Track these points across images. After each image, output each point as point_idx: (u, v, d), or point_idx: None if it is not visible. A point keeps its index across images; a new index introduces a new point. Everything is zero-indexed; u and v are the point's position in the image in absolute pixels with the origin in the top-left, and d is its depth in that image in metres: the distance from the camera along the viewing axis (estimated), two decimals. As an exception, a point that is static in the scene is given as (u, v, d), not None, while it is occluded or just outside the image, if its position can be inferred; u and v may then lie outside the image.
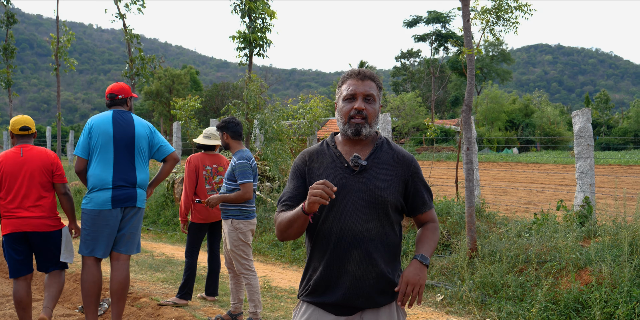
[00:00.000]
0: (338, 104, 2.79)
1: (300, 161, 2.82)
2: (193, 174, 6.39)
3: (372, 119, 2.72)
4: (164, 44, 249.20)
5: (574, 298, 5.75)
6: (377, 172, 2.70)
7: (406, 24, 60.53)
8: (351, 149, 2.76)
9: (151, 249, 9.65)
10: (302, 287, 2.80)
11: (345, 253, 2.65)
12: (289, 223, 2.63)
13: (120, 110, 5.37)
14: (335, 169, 2.72)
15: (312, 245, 2.76)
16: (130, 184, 5.19)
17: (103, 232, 5.12)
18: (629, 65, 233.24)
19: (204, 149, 6.60)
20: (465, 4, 7.28)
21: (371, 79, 2.76)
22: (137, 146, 5.29)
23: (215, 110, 52.28)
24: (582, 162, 7.90)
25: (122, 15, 13.23)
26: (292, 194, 2.77)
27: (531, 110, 61.78)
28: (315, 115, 11.44)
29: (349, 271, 2.65)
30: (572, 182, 21.50)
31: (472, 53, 7.29)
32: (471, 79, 7.33)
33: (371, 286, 2.66)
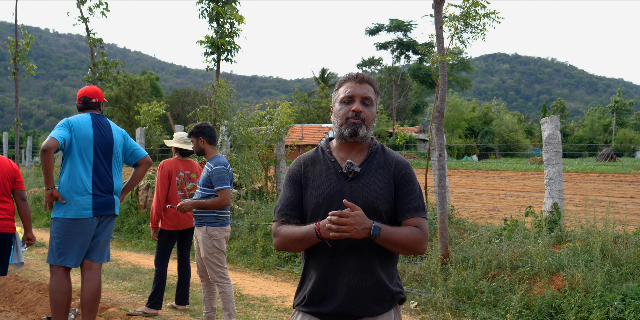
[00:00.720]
0: (335, 106, 2.74)
1: (296, 168, 2.76)
2: (166, 179, 6.24)
3: (369, 122, 2.67)
4: (122, 49, 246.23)
5: (547, 303, 5.79)
6: (371, 178, 2.64)
7: (368, 32, 60.94)
8: (346, 155, 2.70)
9: (116, 258, 9.42)
10: (298, 297, 2.73)
11: (341, 262, 2.59)
12: (298, 241, 2.58)
13: (97, 114, 5.23)
14: (329, 175, 2.66)
15: (307, 255, 2.69)
16: (108, 191, 5.07)
17: (77, 241, 4.95)
18: (583, 74, 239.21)
19: (180, 154, 6.46)
20: (438, 10, 7.31)
21: (369, 83, 2.72)
22: (114, 152, 5.17)
23: (176, 117, 51.75)
24: (550, 168, 7.99)
25: (84, 18, 12.98)
26: (289, 202, 2.69)
27: (490, 118, 62.77)
28: (283, 122, 11.36)
29: (345, 280, 2.59)
30: (532, 188, 21.85)
31: (444, 60, 7.32)
32: (443, 86, 7.35)
33: (368, 295, 2.60)
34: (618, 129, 76.53)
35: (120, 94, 54.83)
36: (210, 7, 10.29)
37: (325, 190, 2.62)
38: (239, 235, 9.67)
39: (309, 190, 2.67)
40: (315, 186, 2.65)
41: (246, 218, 9.85)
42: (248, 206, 10.63)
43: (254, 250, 9.01)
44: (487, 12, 8.61)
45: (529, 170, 34.47)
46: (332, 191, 2.61)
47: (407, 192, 2.67)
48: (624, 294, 5.54)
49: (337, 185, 2.62)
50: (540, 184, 23.75)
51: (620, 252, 6.33)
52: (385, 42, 60.53)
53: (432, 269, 6.93)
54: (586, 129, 73.16)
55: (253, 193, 11.61)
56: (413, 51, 59.04)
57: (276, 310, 6.44)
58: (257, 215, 10.06)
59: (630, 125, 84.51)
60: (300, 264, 8.29)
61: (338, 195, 2.60)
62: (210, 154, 5.60)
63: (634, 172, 31.77)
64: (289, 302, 6.73)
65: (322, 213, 2.59)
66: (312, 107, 63.32)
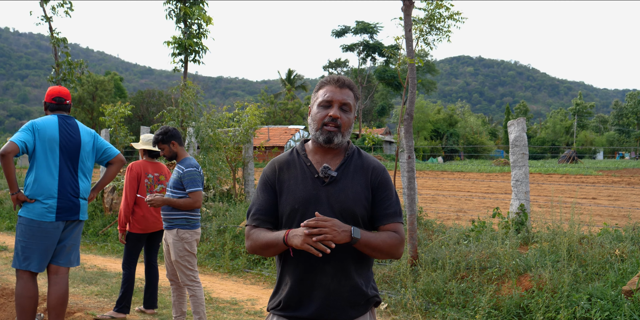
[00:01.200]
0: (312, 109, 2.69)
1: (270, 171, 2.72)
2: (135, 181, 6.15)
3: (346, 129, 2.64)
4: (85, 49, 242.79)
5: (515, 304, 5.85)
6: (347, 183, 2.61)
7: (334, 34, 61.04)
8: (322, 159, 2.67)
9: (82, 261, 9.24)
10: (273, 301, 2.69)
11: (318, 267, 2.56)
12: (266, 246, 2.56)
13: (66, 116, 5.12)
14: (305, 179, 2.62)
15: (283, 260, 2.66)
16: (74, 194, 4.97)
17: (41, 245, 4.84)
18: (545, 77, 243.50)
19: (149, 156, 6.38)
20: (407, 13, 7.35)
21: (349, 88, 2.67)
22: (81, 154, 5.07)
23: (140, 118, 51.20)
24: (517, 170, 8.09)
25: (48, 18, 12.74)
26: (262, 207, 2.66)
27: (455, 120, 63.45)
28: (251, 123, 11.30)
29: (322, 285, 2.56)
30: (497, 190, 22.13)
31: (413, 62, 7.36)
32: (412, 88, 7.39)
33: (345, 299, 2.58)
34: (579, 131, 78.12)
35: (84, 94, 54.05)
36: (177, 8, 10.18)
37: (301, 195, 2.59)
38: (207, 237, 9.59)
39: (284, 195, 2.63)
40: (291, 191, 2.62)
41: (214, 220, 9.77)
42: (216, 208, 10.55)
43: (223, 252, 8.94)
44: (451, 14, 8.67)
45: (494, 172, 34.99)
46: (308, 196, 2.58)
47: (385, 197, 2.66)
48: (590, 294, 5.63)
49: (313, 190, 2.59)
50: (505, 186, 24.07)
51: (586, 252, 6.44)
52: (352, 44, 60.69)
53: (402, 270, 6.96)
54: (548, 131, 74.45)
55: (221, 195, 11.53)
56: (379, 53, 59.33)
57: (246, 313, 6.40)
58: (226, 217, 9.99)
59: (591, 128, 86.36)
60: (269, 266, 8.27)
61: (314, 200, 2.57)
62: (181, 156, 5.55)
63: (595, 173, 32.44)
64: (259, 305, 6.69)
65: (298, 218, 2.56)
66: (278, 108, 63.25)
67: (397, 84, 55.53)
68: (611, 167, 42.40)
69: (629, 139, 78.59)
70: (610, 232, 7.26)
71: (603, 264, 6.23)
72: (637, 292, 5.30)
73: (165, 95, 54.10)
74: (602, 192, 20.80)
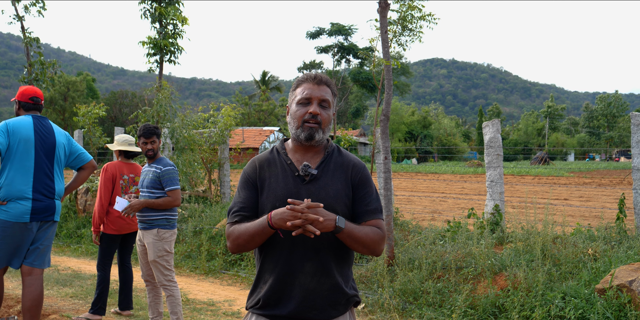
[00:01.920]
0: (291, 107, 2.69)
1: (251, 169, 2.72)
2: (110, 182, 6.09)
3: (326, 125, 2.65)
4: (56, 49, 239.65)
5: (491, 303, 5.91)
6: (327, 181, 2.62)
7: (309, 36, 61.02)
8: (302, 157, 2.67)
9: (55, 263, 9.14)
10: (251, 300, 2.68)
11: (297, 265, 2.55)
12: (252, 237, 2.53)
13: (40, 116, 5.06)
14: (286, 177, 2.62)
15: (262, 257, 2.65)
16: (49, 195, 4.91)
17: (12, 245, 4.78)
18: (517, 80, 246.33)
19: (125, 156, 6.33)
20: (383, 15, 7.39)
21: (327, 85, 2.69)
22: (56, 155, 5.02)
23: (113, 119, 50.72)
24: (492, 171, 8.19)
25: (20, 17, 12.58)
26: (244, 204, 2.65)
27: (429, 122, 63.86)
28: (227, 124, 11.26)
29: (302, 283, 2.56)
30: (471, 191, 22.34)
31: (389, 64, 7.40)
32: (389, 90, 7.43)
33: (324, 298, 2.58)
34: (551, 133, 79.16)
35: (55, 95, 53.34)
36: (152, 8, 10.10)
37: (282, 193, 2.59)
38: (183, 239, 9.53)
39: (265, 193, 2.63)
40: (272, 189, 2.62)
41: (190, 222, 9.71)
42: (192, 209, 10.49)
43: (199, 254, 8.90)
44: (422, 15, 8.72)
45: (467, 173, 35.34)
46: (288, 194, 2.57)
47: (365, 194, 2.66)
48: (564, 293, 5.71)
49: (293, 188, 2.59)
50: (479, 187, 24.31)
51: (560, 252, 6.54)
52: (326, 46, 60.70)
53: (379, 270, 6.99)
54: (521, 133, 75.30)
55: (197, 197, 11.47)
56: (354, 55, 59.45)
57: (224, 315, 6.37)
58: (202, 218, 9.94)
59: (563, 130, 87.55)
60: (246, 267, 8.25)
61: (294, 198, 2.56)
62: (157, 156, 5.52)
63: (566, 175, 32.89)
64: (236, 306, 6.67)
65: None
66: (253, 110, 63.09)
67: (372, 86, 55.71)
68: (582, 168, 43.08)
69: (599, 141, 79.88)
70: (583, 232, 7.38)
71: (576, 263, 6.33)
72: (609, 290, 5.39)
73: (138, 96, 53.64)
74: (574, 193, 21.12)
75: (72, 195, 11.95)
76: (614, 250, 6.44)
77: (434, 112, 75.24)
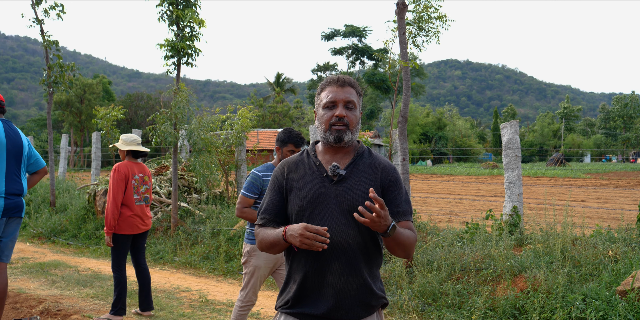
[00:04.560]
0: (318, 112, 2.73)
1: (279, 172, 2.76)
2: (122, 183, 6.12)
3: (354, 126, 2.67)
4: (72, 52, 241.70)
5: (511, 304, 5.90)
6: (356, 181, 2.63)
7: (324, 37, 61.14)
8: (332, 158, 2.70)
9: (75, 264, 9.22)
10: (281, 299, 2.72)
11: (325, 265, 2.58)
12: (271, 245, 2.63)
13: (7, 120, 5.39)
14: (314, 178, 2.65)
15: (291, 258, 2.69)
16: (18, 193, 5.28)
17: None
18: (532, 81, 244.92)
19: (133, 156, 6.36)
20: (401, 16, 7.40)
21: (351, 86, 2.71)
22: (23, 157, 5.37)
23: (129, 121, 51.00)
24: (510, 172, 8.16)
25: (39, 20, 12.70)
26: (268, 207, 2.73)
27: (444, 123, 63.67)
28: (244, 126, 11.30)
29: (330, 283, 2.58)
30: (487, 192, 22.25)
31: (407, 65, 7.40)
32: (407, 91, 7.43)
33: (353, 297, 2.59)
34: (567, 135, 78.62)
35: (72, 97, 53.74)
36: (170, 11, 10.15)
37: (309, 193, 2.62)
38: (201, 240, 9.57)
39: (293, 194, 2.67)
40: (300, 189, 2.65)
41: (208, 223, 9.76)
42: (209, 211, 10.54)
43: (217, 255, 8.94)
44: (439, 15, 8.69)
45: (482, 175, 35.17)
46: (316, 194, 2.61)
47: (395, 196, 2.67)
48: (584, 295, 5.69)
49: (321, 188, 2.62)
50: (494, 188, 24.20)
51: (579, 253, 6.50)
52: (341, 48, 60.84)
53: (397, 271, 6.99)
54: (536, 134, 74.87)
55: (214, 198, 11.51)
56: (368, 57, 59.47)
57: (243, 315, 6.40)
58: (219, 220, 9.99)
59: (579, 131, 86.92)
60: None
61: (322, 198, 2.60)
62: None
63: (583, 176, 32.67)
64: (255, 307, 6.69)
65: (306, 216, 2.60)
66: (267, 112, 63.20)
67: (386, 88, 55.68)
68: (599, 170, 42.75)
69: (615, 142, 79.23)
70: (603, 234, 7.34)
71: (597, 265, 6.29)
72: (631, 292, 5.36)
73: (154, 98, 53.90)
74: (591, 194, 20.96)
75: (90, 197, 12.05)
76: (634, 252, 6.40)
77: (449, 113, 74.94)
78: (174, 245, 9.76)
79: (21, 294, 7.13)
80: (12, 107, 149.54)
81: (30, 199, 14.29)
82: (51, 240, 11.77)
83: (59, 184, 14.97)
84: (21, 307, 6.59)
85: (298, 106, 69.69)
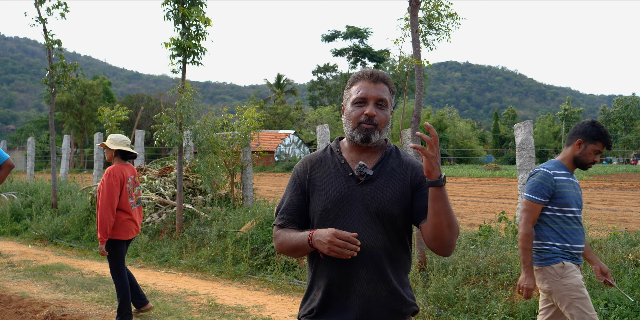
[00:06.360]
0: (346, 107, 2.54)
1: (301, 169, 2.58)
2: (118, 187, 5.92)
3: (383, 126, 2.48)
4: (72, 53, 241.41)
5: (530, 309, 5.73)
6: (384, 182, 2.46)
7: (324, 39, 61.08)
8: (357, 157, 2.52)
9: (79, 267, 9.04)
10: (304, 308, 2.54)
11: (352, 271, 2.40)
12: (293, 249, 2.43)
13: None
14: (339, 178, 2.48)
15: (315, 263, 2.50)
16: None
17: None
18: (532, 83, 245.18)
19: (122, 158, 6.19)
20: (414, 14, 7.24)
21: (384, 82, 2.51)
22: None
23: (129, 122, 50.82)
24: (524, 173, 7.98)
25: (42, 19, 12.54)
26: (288, 206, 2.54)
27: (444, 125, 63.54)
28: (250, 127, 11.13)
29: (357, 290, 2.41)
30: (491, 194, 22.11)
31: (420, 64, 7.24)
32: (419, 90, 7.28)
33: (382, 305, 2.42)
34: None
35: (72, 98, 53.57)
36: (175, 9, 9.99)
37: (334, 194, 2.45)
38: (207, 242, 9.40)
39: (316, 194, 2.49)
40: (323, 190, 2.47)
41: (214, 225, 9.58)
42: (215, 213, 10.36)
43: (224, 258, 8.76)
44: (449, 13, 8.53)
45: (485, 177, 35.04)
46: (341, 195, 2.43)
47: (426, 193, 2.45)
48: (606, 300, 5.53)
49: (347, 189, 2.44)
50: (498, 190, 24.07)
51: (598, 257, 6.33)
52: (342, 49, 60.78)
53: (411, 275, 6.82)
54: (537, 136, 74.63)
55: (220, 199, 11.34)
56: (369, 58, 59.38)
57: (253, 320, 6.23)
58: (225, 222, 9.80)
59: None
60: (272, 272, 8.10)
61: (348, 200, 2.43)
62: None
63: (586, 178, 32.53)
64: (265, 312, 6.52)
65: (330, 218, 2.43)
66: (268, 113, 63.08)
67: (387, 89, 55.61)
68: (600, 171, 42.63)
69: (616, 144, 79.06)
70: (620, 237, 7.16)
71: (616, 268, 6.12)
72: (657, 297, 5.20)
73: (154, 99, 53.74)
74: (596, 196, 20.80)
75: (93, 198, 11.88)
76: (656, 256, 6.23)
77: (449, 115, 74.83)
78: (179, 247, 9.59)
79: (24, 298, 6.96)
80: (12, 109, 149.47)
81: (32, 201, 14.11)
82: (53, 242, 11.59)
83: (60, 186, 14.78)
84: (25, 311, 6.42)
85: (298, 108, 69.57)
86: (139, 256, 9.75)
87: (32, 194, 14.84)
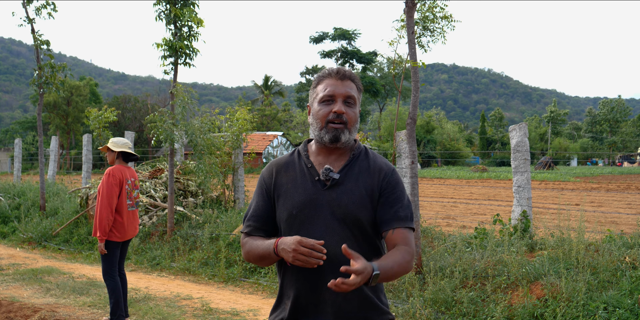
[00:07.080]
0: (313, 107, 2.44)
1: (267, 174, 2.50)
2: (117, 187, 5.94)
3: (352, 124, 2.40)
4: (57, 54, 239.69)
5: (529, 313, 5.69)
6: (351, 186, 2.36)
7: (312, 40, 60.96)
8: (325, 159, 2.42)
9: (69, 270, 8.91)
10: (274, 316, 2.46)
11: (320, 280, 2.31)
12: (260, 257, 2.35)
13: None
14: (304, 182, 2.39)
15: (283, 270, 2.42)
16: None
17: None
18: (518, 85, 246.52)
19: (123, 160, 6.18)
20: (410, 15, 7.19)
21: (351, 80, 2.43)
22: None
23: (116, 124, 50.50)
24: (519, 176, 7.97)
25: (31, 19, 12.39)
26: (255, 213, 2.46)
27: (432, 127, 63.67)
28: (242, 128, 11.05)
29: (327, 300, 2.32)
30: (480, 196, 22.13)
31: (416, 65, 7.20)
32: (416, 91, 7.23)
33: (354, 314, 2.34)
34: (554, 138, 78.96)
35: (59, 100, 53.10)
36: (167, 9, 9.89)
37: (299, 199, 2.36)
38: (200, 245, 9.29)
39: (282, 200, 2.41)
40: (289, 195, 2.39)
41: (206, 227, 9.48)
42: (206, 215, 10.26)
43: (217, 261, 8.67)
44: (444, 15, 8.50)
45: (473, 178, 35.10)
46: (307, 200, 2.35)
47: (394, 200, 2.39)
48: (606, 303, 5.50)
49: (313, 194, 2.35)
50: (487, 192, 24.11)
51: (595, 260, 6.31)
52: (330, 51, 60.67)
53: (407, 279, 6.77)
54: (523, 138, 75.10)
55: (211, 202, 11.24)
56: (357, 60, 59.37)
57: (249, 325, 6.15)
58: (217, 224, 9.71)
59: (565, 135, 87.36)
60: (267, 275, 8.02)
61: (314, 205, 2.34)
62: None
63: (573, 179, 32.66)
64: (261, 316, 6.44)
65: (296, 224, 2.34)
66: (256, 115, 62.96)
67: (375, 91, 55.60)
68: (587, 173, 42.87)
69: (602, 146, 79.73)
70: (616, 239, 7.15)
71: (614, 271, 6.10)
72: (656, 300, 5.18)
73: (141, 101, 53.40)
74: (584, 198, 20.88)
75: (82, 200, 11.74)
76: (653, 258, 6.22)
77: (437, 117, 75.01)
78: (170, 250, 9.48)
79: (15, 302, 6.83)
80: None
81: (20, 203, 13.94)
82: (42, 245, 11.43)
83: (48, 188, 14.61)
84: (15, 316, 6.30)
85: (286, 109, 69.43)
86: (130, 259, 9.63)
87: (20, 196, 14.66)
